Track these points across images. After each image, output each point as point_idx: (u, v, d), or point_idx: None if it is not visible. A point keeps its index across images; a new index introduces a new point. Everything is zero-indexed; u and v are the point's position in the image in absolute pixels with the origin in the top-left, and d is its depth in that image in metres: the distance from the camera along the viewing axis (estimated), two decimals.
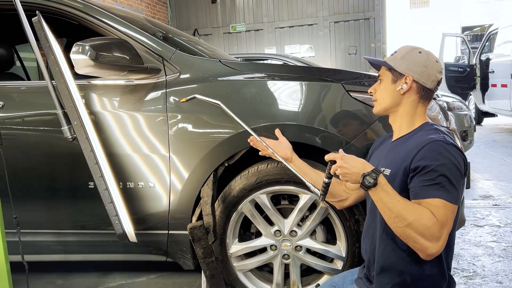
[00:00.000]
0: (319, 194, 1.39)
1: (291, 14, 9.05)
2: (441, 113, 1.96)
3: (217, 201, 1.91)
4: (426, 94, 1.34)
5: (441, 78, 1.35)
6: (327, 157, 1.31)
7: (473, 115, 5.84)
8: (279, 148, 1.70)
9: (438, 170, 1.17)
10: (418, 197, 1.20)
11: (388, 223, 1.21)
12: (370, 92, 1.45)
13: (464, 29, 15.28)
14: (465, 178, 1.25)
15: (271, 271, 1.98)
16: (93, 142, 1.81)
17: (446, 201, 1.15)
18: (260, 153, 1.74)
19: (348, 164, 1.26)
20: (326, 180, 1.35)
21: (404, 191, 1.25)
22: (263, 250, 1.96)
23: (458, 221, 1.96)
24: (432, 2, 21.74)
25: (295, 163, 1.68)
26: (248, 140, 1.74)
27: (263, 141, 1.68)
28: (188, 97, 1.84)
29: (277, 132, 1.75)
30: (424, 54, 1.34)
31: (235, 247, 1.95)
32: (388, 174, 1.31)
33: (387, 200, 1.20)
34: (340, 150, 1.37)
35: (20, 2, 1.79)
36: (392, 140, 1.43)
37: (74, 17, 1.99)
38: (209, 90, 1.89)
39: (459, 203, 1.19)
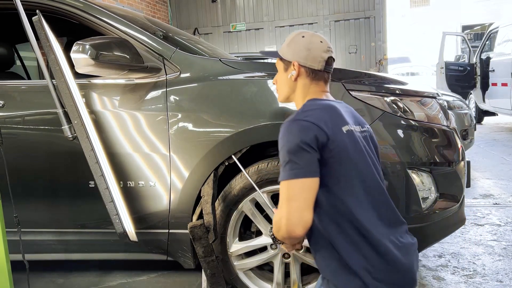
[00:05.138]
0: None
1: (291, 13, 9.04)
2: (441, 112, 1.96)
3: (217, 200, 1.91)
4: (316, 76, 1.33)
5: (329, 56, 1.33)
6: None
7: (473, 114, 5.85)
8: None
9: (281, 152, 1.19)
10: None
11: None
12: (274, 83, 1.47)
13: (465, 28, 15.26)
14: (331, 149, 1.17)
15: (271, 270, 1.98)
16: (94, 141, 1.81)
17: (284, 180, 1.15)
18: None
19: None
20: None
21: None
22: (263, 249, 1.96)
23: (458, 220, 1.98)
24: (432, 1, 21.72)
25: None
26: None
27: None
28: None
29: None
30: (307, 37, 1.33)
31: (236, 246, 1.95)
32: None
33: None
34: None
35: (21, 1, 1.79)
36: None
37: (75, 16, 1.99)
38: (210, 89, 1.89)
39: (307, 174, 1.14)
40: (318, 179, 1.15)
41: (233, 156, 1.84)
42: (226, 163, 1.88)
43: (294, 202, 1.13)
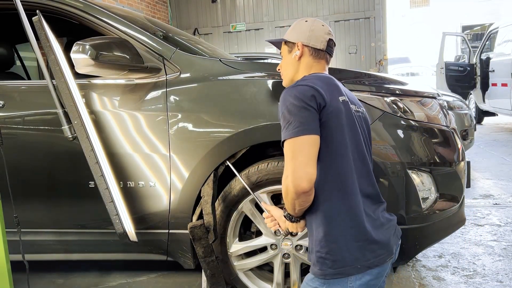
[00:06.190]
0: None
1: (291, 13, 9.04)
2: (441, 112, 1.96)
3: (217, 200, 1.91)
4: (318, 55, 1.41)
5: (330, 38, 1.41)
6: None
7: (473, 114, 5.84)
8: None
9: (281, 117, 1.23)
10: None
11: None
12: (278, 69, 1.53)
13: (464, 28, 15.26)
14: (325, 111, 1.22)
15: (271, 270, 1.98)
16: (94, 141, 1.81)
17: (286, 139, 1.20)
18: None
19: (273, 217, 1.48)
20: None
21: None
22: (263, 249, 1.96)
23: (458, 220, 1.98)
24: (432, 1, 21.72)
25: None
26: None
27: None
28: None
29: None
30: (310, 21, 1.43)
31: (236, 246, 1.95)
32: None
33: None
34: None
35: (21, 1, 1.79)
36: None
37: (75, 17, 2.00)
38: (210, 89, 1.89)
39: (307, 131, 1.18)
40: (319, 137, 1.21)
41: (227, 162, 1.85)
42: (226, 163, 1.88)
43: (298, 159, 1.18)
